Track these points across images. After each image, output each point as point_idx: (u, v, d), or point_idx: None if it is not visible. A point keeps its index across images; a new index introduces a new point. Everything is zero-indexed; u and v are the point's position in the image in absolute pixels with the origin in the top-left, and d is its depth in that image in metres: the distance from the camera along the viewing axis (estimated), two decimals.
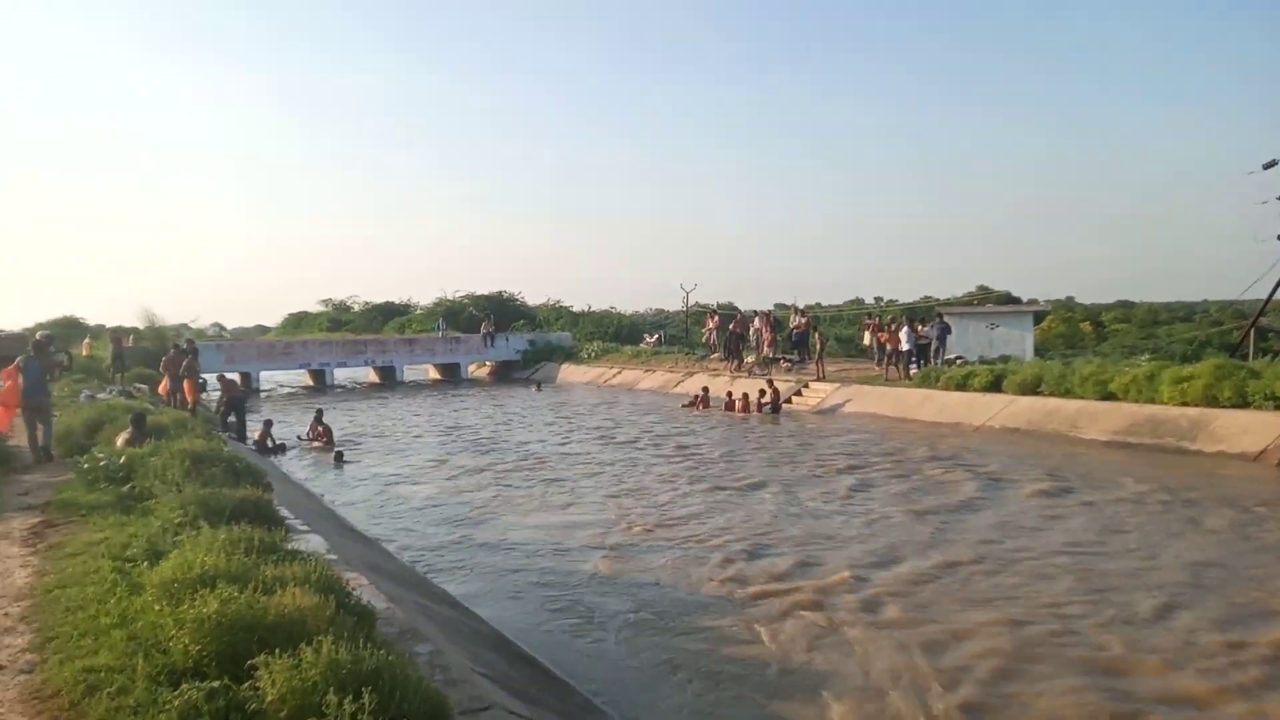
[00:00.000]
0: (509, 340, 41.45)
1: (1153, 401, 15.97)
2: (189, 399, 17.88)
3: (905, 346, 22.26)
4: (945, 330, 23.04)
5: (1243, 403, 14.61)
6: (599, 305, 52.33)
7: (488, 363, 41.64)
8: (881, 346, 23.39)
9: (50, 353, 12.39)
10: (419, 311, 54.91)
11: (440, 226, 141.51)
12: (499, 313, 47.05)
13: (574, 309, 51.66)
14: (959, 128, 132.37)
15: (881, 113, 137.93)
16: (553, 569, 8.72)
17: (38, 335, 13.01)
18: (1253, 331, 23.64)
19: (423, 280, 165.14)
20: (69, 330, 36.01)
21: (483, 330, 40.89)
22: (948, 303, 39.50)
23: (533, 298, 54.27)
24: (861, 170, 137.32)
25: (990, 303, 38.07)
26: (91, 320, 41.80)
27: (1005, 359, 22.60)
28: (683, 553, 9.23)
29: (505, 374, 39.70)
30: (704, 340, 33.50)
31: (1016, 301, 38.16)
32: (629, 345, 39.11)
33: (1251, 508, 10.46)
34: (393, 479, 14.46)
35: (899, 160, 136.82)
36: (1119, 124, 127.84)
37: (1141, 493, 11.55)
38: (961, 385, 19.81)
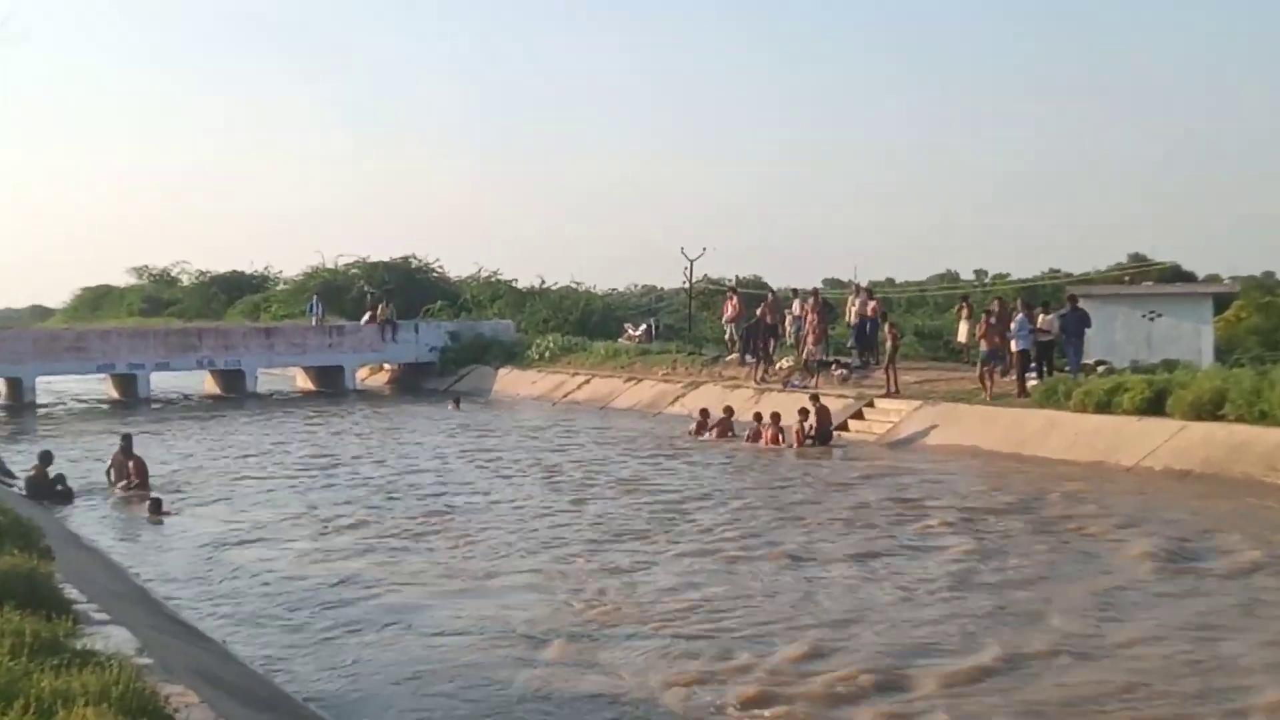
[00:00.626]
0: (420, 331, 41.65)
1: None
2: None
3: (1019, 345, 22.16)
4: (1081, 321, 22.98)
5: None
6: (556, 280, 52.56)
7: (387, 365, 42.19)
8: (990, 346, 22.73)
9: None
10: (282, 287, 56.04)
11: (313, 160, 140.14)
12: (406, 289, 47.85)
13: (518, 285, 52.12)
14: (1100, 20, 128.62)
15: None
16: (478, 675, 8.72)
17: None
18: None
19: (288, 241, 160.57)
20: None
21: (379, 315, 40.85)
22: (1085, 279, 39.28)
23: (456, 267, 55.66)
24: (952, 79, 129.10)
25: (1149, 280, 37.06)
26: None
27: (1171, 365, 22.11)
28: (676, 653, 9.24)
29: (413, 382, 40.23)
30: (726, 337, 33.50)
31: (1188, 278, 38.34)
32: (603, 341, 39.10)
33: None
34: (236, 541, 14.41)
35: (1008, 65, 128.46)
36: None
37: None
38: (1105, 405, 19.71)
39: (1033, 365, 22.54)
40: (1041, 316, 23.01)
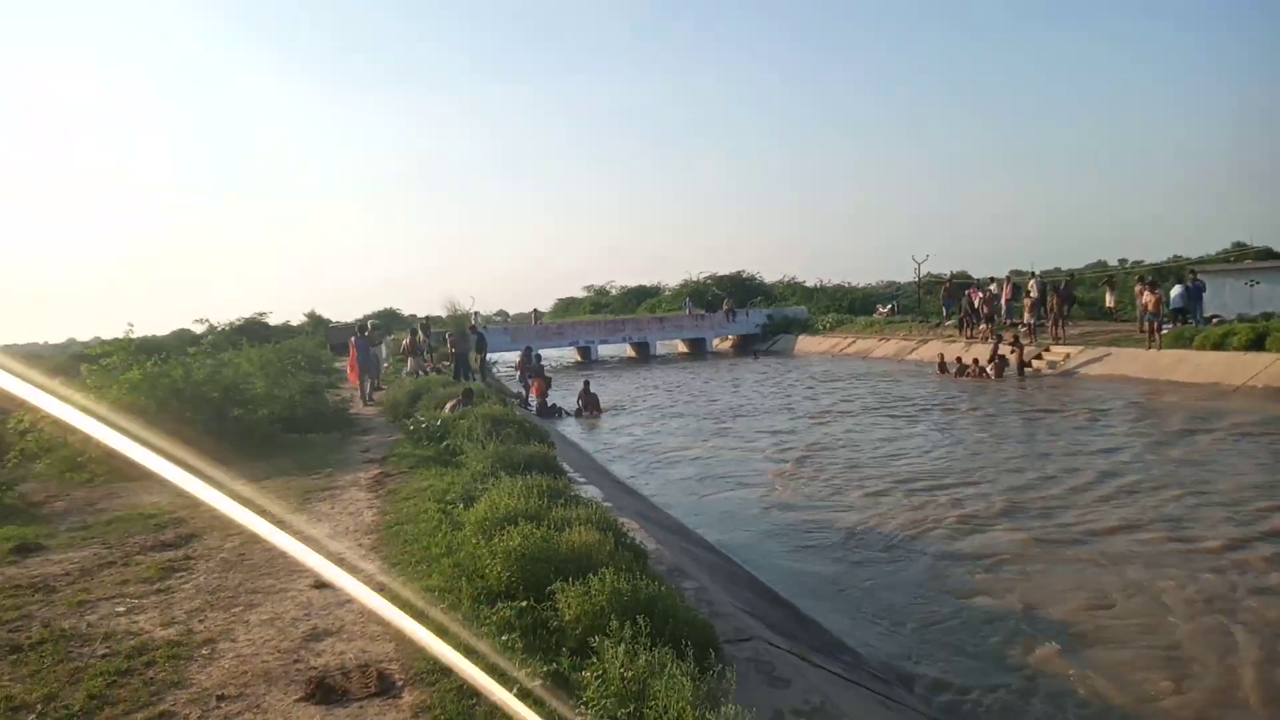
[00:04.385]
0: (748, 315, 44.39)
1: None
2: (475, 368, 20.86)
3: (1175, 305, 20.88)
4: (1200, 289, 21.48)
5: None
6: (832, 280, 55.50)
7: (730, 336, 44.41)
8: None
9: (378, 334, 19.22)
10: (667, 293, 60.55)
11: (687, 215, 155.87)
12: (739, 291, 51.45)
13: (808, 284, 54.67)
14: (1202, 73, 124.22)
15: (1135, 69, 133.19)
16: (794, 521, 9.35)
17: (367, 323, 20.17)
18: None
19: (670, 264, 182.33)
20: (388, 319, 45.49)
21: (725, 307, 44.44)
22: (1201, 261, 37.75)
23: (769, 276, 58.12)
24: (1108, 125, 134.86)
25: (1249, 258, 35.99)
26: (406, 311, 54.09)
27: (1268, 316, 20.72)
28: (914, 504, 9.61)
29: (746, 346, 42.12)
30: (943, 311, 33.54)
31: (1278, 257, 35.54)
32: (862, 316, 40.68)
33: None
34: (647, 435, 16.05)
35: (1147, 113, 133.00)
36: None
37: None
38: (1219, 345, 18.32)
39: (1164, 322, 20.67)
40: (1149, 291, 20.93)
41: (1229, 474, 10.11)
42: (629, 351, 44.28)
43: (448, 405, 11.93)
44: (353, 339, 16.90)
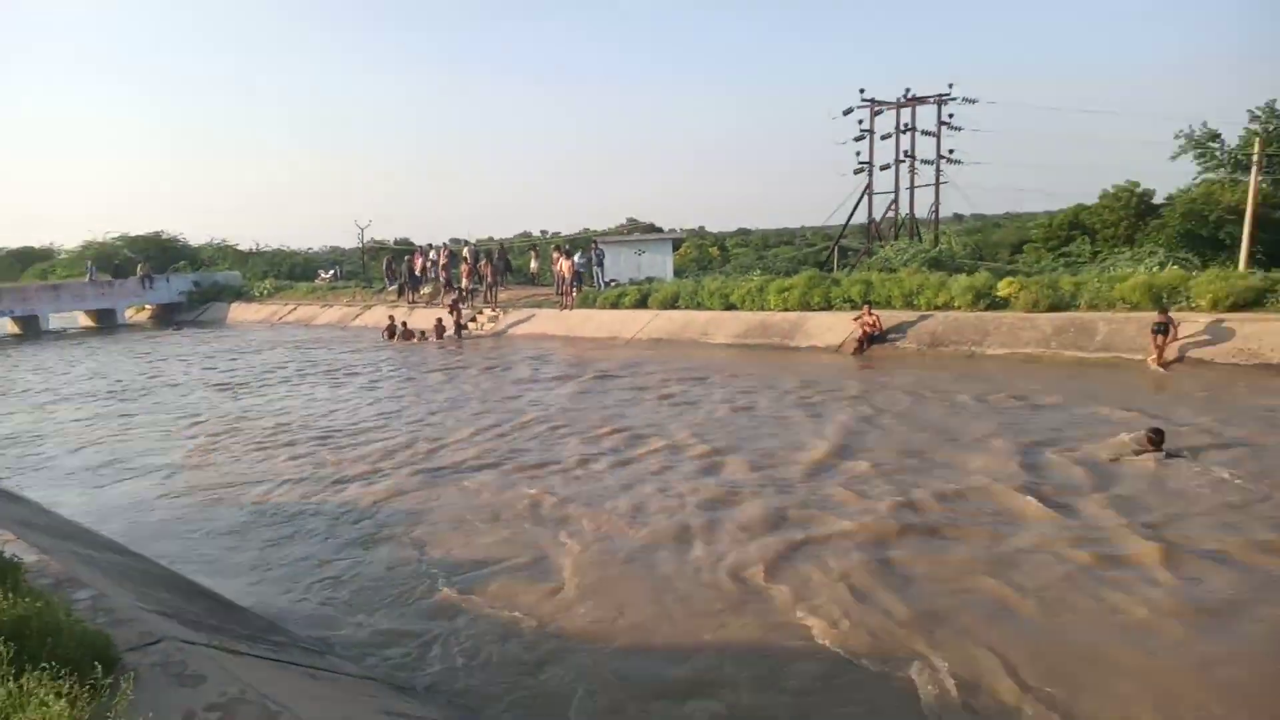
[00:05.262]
0: (170, 282, 39.63)
1: (763, 309, 19.38)
2: None
3: (577, 269, 24.37)
4: (601, 256, 25.94)
5: (828, 306, 18.48)
6: (270, 244, 52.63)
7: (147, 306, 39.30)
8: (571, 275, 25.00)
9: None
10: (64, 256, 52.05)
11: (78, 161, 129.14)
12: (157, 255, 45.92)
13: (241, 248, 50.85)
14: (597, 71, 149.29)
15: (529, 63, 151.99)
16: (215, 501, 8.85)
17: None
18: (836, 250, 29.93)
19: (68, 223, 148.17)
20: None
21: (140, 273, 38.85)
22: (603, 233, 45.50)
23: (195, 238, 52.80)
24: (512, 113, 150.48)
25: (637, 232, 45.43)
26: None
27: (650, 280, 25.66)
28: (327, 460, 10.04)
29: (168, 317, 37.98)
30: (385, 275, 34.44)
31: (659, 231, 45.71)
32: (304, 282, 39.49)
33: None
34: (31, 430, 13.42)
35: (546, 105, 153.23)
36: (743, 78, 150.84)
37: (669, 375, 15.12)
38: (615, 304, 22.51)
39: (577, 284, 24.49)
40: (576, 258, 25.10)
41: (605, 412, 12.18)
42: (11, 328, 35.70)
43: None
44: None
